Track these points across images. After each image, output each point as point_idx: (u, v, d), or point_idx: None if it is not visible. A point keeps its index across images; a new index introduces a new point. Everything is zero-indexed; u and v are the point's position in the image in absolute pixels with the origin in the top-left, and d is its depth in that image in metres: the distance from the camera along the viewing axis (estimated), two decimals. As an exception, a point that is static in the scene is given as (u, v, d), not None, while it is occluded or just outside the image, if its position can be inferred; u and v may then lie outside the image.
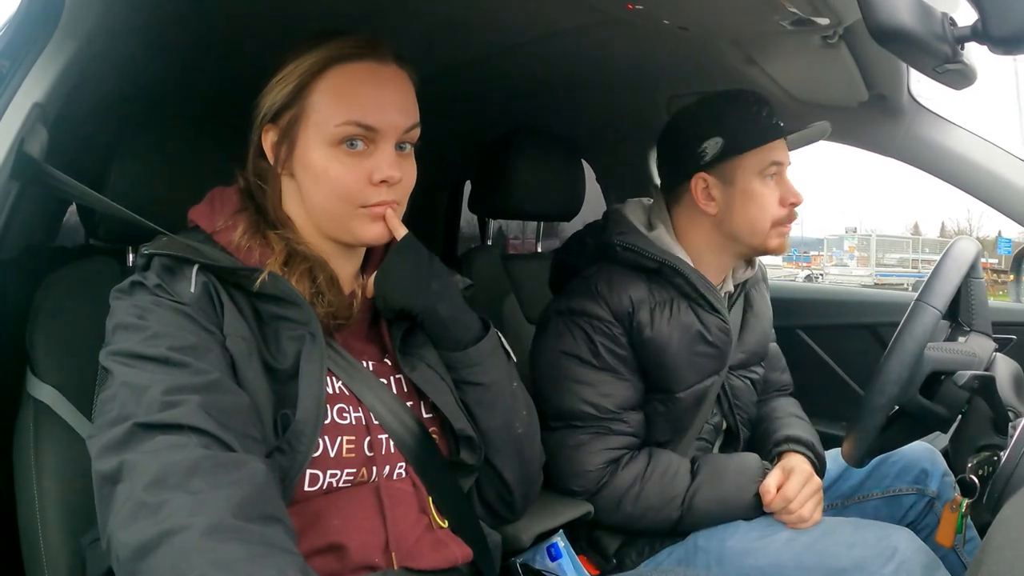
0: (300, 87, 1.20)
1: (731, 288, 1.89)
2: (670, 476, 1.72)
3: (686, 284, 1.74)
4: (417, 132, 1.27)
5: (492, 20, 1.65)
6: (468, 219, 3.36)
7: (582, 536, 1.77)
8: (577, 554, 1.66)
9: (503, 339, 1.42)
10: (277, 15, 1.46)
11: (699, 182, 1.75)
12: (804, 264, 30.52)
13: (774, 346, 2.14)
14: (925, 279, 1.53)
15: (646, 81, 2.03)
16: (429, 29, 1.65)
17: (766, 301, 2.02)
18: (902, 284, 20.48)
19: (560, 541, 1.63)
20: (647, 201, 1.92)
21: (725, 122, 1.73)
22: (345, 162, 1.20)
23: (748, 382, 1.95)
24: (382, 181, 1.21)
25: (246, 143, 1.28)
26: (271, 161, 1.25)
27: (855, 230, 37.47)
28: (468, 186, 2.84)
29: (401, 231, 1.27)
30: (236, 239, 1.20)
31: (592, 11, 1.52)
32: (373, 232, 1.24)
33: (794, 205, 1.77)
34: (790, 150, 1.81)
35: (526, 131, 2.31)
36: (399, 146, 1.24)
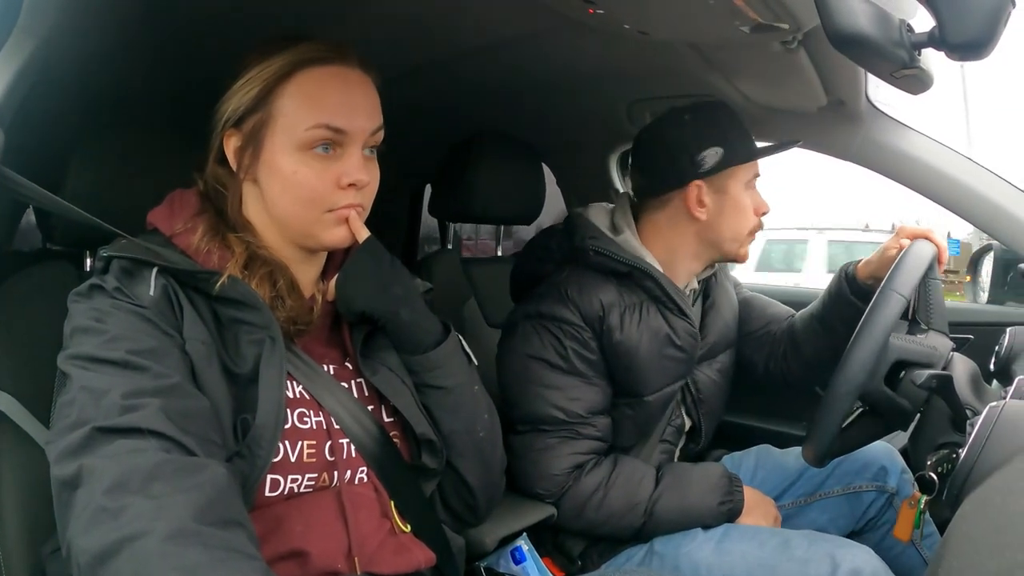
0: (266, 91, 1.19)
1: (695, 286, 1.93)
2: (634, 483, 1.74)
3: (656, 288, 1.76)
4: (381, 135, 1.27)
5: (453, 24, 1.65)
6: (426, 222, 3.35)
7: (546, 539, 1.78)
8: (541, 557, 1.66)
9: (464, 342, 1.43)
10: (239, 17, 1.44)
11: (694, 189, 1.79)
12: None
13: (750, 299, 2.17)
14: (889, 271, 1.55)
15: (607, 86, 2.04)
16: (390, 33, 1.65)
17: (726, 291, 2.06)
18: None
19: (524, 544, 1.63)
20: (608, 206, 1.94)
21: (725, 134, 1.79)
22: (314, 166, 1.20)
23: (716, 375, 1.98)
24: (350, 184, 1.21)
25: (206, 145, 1.27)
26: (233, 167, 1.24)
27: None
28: (428, 190, 2.83)
29: (363, 234, 1.27)
30: (195, 242, 1.19)
31: (553, 16, 1.52)
32: (337, 236, 1.24)
33: (764, 215, 1.87)
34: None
35: (487, 135, 2.31)
36: (366, 150, 1.24)
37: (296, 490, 1.17)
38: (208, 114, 1.25)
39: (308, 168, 1.19)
